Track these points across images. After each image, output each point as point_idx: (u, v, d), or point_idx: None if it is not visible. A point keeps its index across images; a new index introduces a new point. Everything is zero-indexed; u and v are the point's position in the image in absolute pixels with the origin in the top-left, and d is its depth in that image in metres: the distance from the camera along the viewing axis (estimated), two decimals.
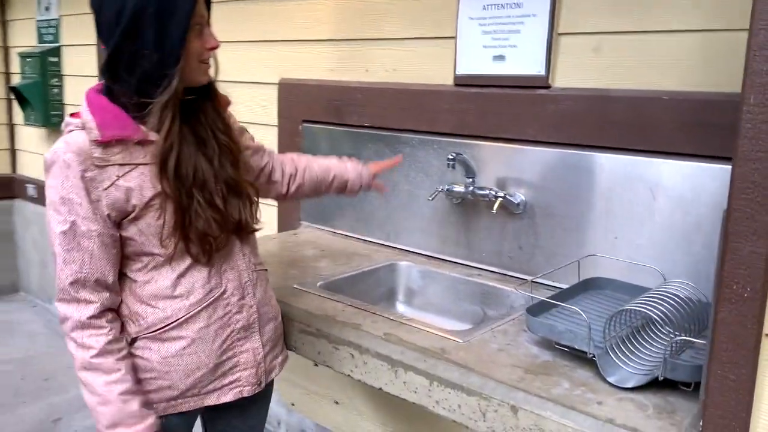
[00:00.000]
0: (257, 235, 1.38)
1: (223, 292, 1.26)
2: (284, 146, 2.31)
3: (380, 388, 1.33)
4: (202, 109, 1.24)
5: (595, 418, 1.05)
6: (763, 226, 0.83)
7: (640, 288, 1.44)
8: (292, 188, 1.59)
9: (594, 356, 1.19)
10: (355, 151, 2.06)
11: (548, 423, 1.07)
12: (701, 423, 0.93)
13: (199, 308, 1.23)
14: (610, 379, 1.16)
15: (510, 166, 1.74)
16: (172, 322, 1.22)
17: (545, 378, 1.18)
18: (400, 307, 1.89)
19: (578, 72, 1.62)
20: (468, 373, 1.20)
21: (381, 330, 1.38)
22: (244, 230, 1.30)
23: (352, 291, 1.74)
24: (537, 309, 1.35)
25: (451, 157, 1.70)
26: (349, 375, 1.39)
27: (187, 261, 1.22)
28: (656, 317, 1.14)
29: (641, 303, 1.18)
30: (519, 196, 1.72)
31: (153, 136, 1.15)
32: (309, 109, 2.24)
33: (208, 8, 1.20)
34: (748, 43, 0.82)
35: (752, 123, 0.82)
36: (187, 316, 1.22)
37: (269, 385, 1.42)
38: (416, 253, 1.98)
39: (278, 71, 2.34)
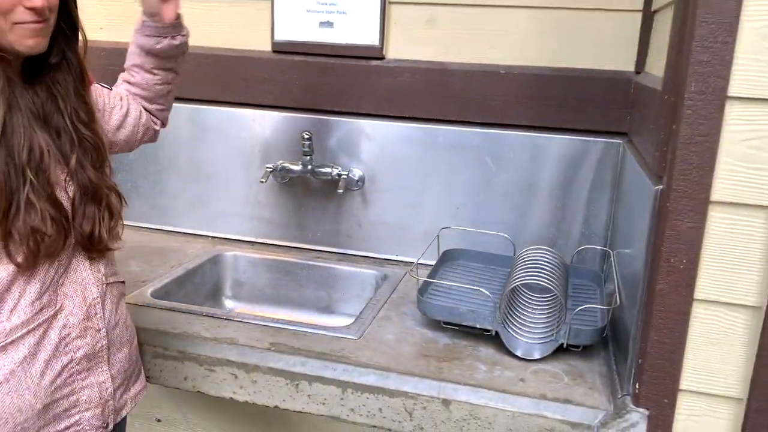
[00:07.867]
0: None
1: (59, 311, 0.96)
2: None
3: (275, 407, 1.17)
4: (56, 86, 0.92)
5: (528, 396, 1.07)
6: (700, 204, 0.91)
7: (494, 255, 1.51)
8: (159, 116, 1.29)
9: (495, 333, 1.21)
10: None
11: (484, 410, 1.06)
12: (636, 385, 1.00)
13: (24, 331, 0.92)
14: (517, 353, 1.19)
15: (345, 140, 1.65)
16: None
17: (459, 363, 1.17)
18: (242, 305, 1.70)
19: (413, 44, 1.59)
20: (386, 374, 1.12)
21: (262, 340, 1.21)
22: (96, 248, 1.00)
23: (184, 294, 1.50)
24: (423, 291, 1.33)
25: (307, 136, 1.56)
26: (231, 398, 1.19)
27: (9, 267, 0.90)
28: (553, 288, 1.20)
29: (529, 274, 1.23)
30: (356, 171, 1.65)
31: None
32: None
33: None
34: (689, 33, 0.88)
35: (692, 109, 0.89)
36: (6, 342, 0.91)
37: (119, 425, 1.15)
38: (238, 240, 1.78)
39: None
